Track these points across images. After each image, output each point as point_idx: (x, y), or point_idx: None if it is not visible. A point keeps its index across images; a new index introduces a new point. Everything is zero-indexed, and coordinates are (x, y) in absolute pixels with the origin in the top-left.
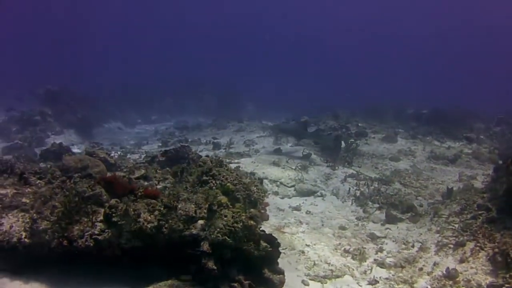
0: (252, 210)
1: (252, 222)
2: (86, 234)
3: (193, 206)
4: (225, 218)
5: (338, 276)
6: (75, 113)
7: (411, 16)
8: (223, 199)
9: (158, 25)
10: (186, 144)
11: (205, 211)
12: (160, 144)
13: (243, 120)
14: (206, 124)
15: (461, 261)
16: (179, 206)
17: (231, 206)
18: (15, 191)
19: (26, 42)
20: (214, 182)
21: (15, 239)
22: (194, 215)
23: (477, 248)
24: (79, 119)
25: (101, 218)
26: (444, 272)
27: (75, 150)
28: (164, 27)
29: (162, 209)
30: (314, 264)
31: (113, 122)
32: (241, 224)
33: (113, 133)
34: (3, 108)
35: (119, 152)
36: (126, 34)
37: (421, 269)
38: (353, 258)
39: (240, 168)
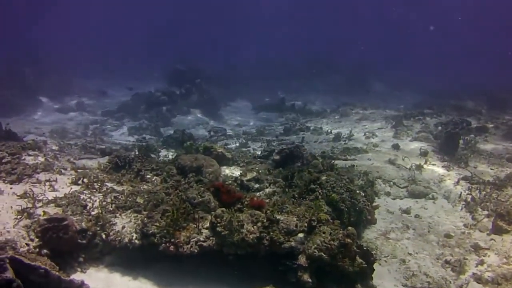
0: (349, 228)
1: (348, 240)
2: (192, 240)
3: (295, 219)
4: (323, 235)
5: None
6: (202, 93)
7: None
8: (323, 215)
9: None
10: (301, 144)
11: (306, 224)
12: (282, 132)
13: (367, 107)
14: (330, 109)
15: None
16: (281, 219)
17: (331, 222)
18: (131, 188)
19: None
20: (320, 191)
21: (126, 240)
22: (294, 228)
23: None
24: (206, 98)
25: (207, 225)
26: None
27: (200, 131)
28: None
29: (265, 221)
30: (413, 274)
31: (240, 101)
32: (337, 242)
33: (240, 112)
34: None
35: (240, 140)
36: (257, 17)
37: None
38: (452, 270)
39: (355, 167)
